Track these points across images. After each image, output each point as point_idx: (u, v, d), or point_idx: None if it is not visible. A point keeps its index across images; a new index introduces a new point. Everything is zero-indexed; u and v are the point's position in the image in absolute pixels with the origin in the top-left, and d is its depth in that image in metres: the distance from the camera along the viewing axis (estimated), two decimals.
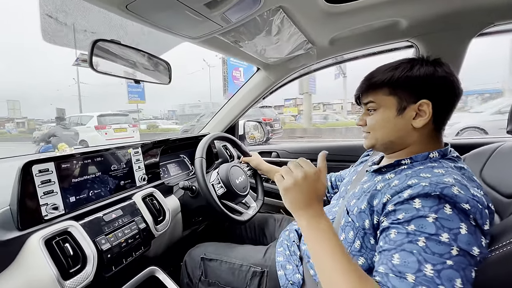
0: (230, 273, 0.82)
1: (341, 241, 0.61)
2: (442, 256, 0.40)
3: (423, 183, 0.47)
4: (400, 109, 0.57)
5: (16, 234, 0.59)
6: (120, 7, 0.63)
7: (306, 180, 0.53)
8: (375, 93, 0.61)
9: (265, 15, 0.79)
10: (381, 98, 0.60)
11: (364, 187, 0.61)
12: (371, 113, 0.63)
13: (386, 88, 0.59)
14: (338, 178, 1.00)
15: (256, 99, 1.48)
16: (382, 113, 0.60)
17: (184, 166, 1.35)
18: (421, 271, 0.40)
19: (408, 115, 0.57)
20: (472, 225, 0.42)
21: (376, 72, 0.62)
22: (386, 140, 0.62)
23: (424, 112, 0.55)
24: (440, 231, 0.41)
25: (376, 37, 1.05)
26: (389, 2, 0.80)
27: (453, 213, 0.42)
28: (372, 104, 0.62)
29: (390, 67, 0.59)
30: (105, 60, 0.73)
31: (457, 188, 0.44)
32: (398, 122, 0.58)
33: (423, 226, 0.43)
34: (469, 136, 4.43)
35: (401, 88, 0.57)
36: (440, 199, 0.44)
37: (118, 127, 7.47)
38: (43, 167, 0.66)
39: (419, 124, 0.56)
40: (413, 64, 0.57)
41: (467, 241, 0.41)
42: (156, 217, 0.88)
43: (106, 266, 0.69)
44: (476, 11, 0.85)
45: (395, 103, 0.58)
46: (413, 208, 0.45)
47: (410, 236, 0.43)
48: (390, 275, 0.42)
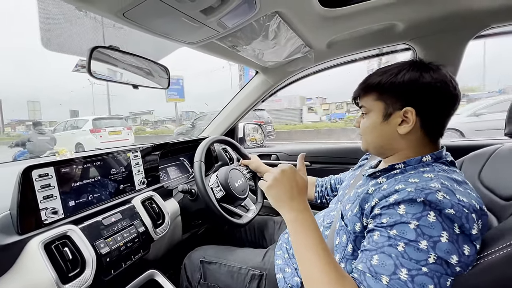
0: (229, 276, 0.82)
1: (336, 245, 0.62)
2: (418, 263, 0.41)
3: (409, 188, 0.47)
4: (386, 115, 0.57)
5: (16, 238, 0.59)
6: (117, 14, 0.64)
7: (284, 174, 0.57)
8: (366, 97, 0.61)
9: (261, 20, 0.80)
10: (370, 103, 0.60)
11: (358, 191, 0.61)
12: (364, 116, 0.63)
13: (374, 93, 0.59)
14: (337, 181, 1.00)
15: (255, 102, 1.49)
16: (371, 118, 0.61)
17: (184, 169, 1.36)
18: (396, 274, 0.42)
19: (393, 121, 0.57)
20: (455, 233, 0.42)
21: (373, 74, 0.61)
22: (376, 144, 0.62)
23: (409, 119, 0.55)
24: (419, 238, 0.42)
25: (373, 40, 1.05)
26: (385, 5, 0.80)
27: (436, 220, 0.43)
28: (364, 108, 0.62)
29: (381, 72, 0.59)
30: (103, 66, 0.75)
31: (442, 194, 0.45)
32: (384, 128, 0.58)
33: (404, 232, 0.44)
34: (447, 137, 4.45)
35: (387, 94, 0.57)
36: (425, 205, 0.44)
37: (112, 130, 7.72)
38: (42, 172, 0.67)
39: (403, 131, 0.56)
40: (400, 69, 0.56)
41: (446, 250, 0.41)
42: (155, 220, 0.88)
43: (105, 270, 0.70)
44: (473, 14, 0.85)
45: (381, 108, 0.58)
46: (397, 214, 0.46)
47: (391, 240, 0.45)
48: (367, 274, 0.45)
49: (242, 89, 1.47)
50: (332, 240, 0.65)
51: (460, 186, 0.48)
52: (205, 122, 9.28)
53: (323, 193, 1.02)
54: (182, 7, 0.64)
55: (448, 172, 0.52)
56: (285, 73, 1.33)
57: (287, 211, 0.55)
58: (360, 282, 0.45)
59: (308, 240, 0.50)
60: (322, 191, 1.03)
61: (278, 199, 0.56)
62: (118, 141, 7.54)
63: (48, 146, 5.31)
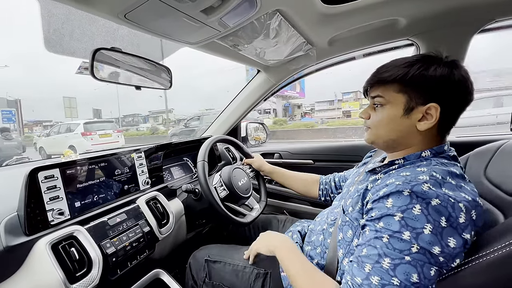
0: (234, 275, 0.82)
1: (339, 241, 0.62)
2: (401, 252, 0.43)
3: (397, 182, 0.49)
4: (407, 109, 0.55)
5: (23, 239, 0.60)
6: (119, 16, 0.65)
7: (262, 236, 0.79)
8: (384, 88, 0.58)
9: (262, 19, 0.80)
10: (390, 94, 0.57)
11: (359, 187, 0.62)
12: (377, 108, 0.61)
13: (397, 85, 0.56)
14: (341, 178, 0.99)
15: (257, 101, 1.49)
16: (388, 110, 0.58)
17: (187, 169, 1.36)
18: (379, 263, 0.44)
19: (414, 116, 0.55)
20: (441, 226, 0.43)
21: (391, 65, 0.58)
22: (387, 138, 0.60)
23: (431, 116, 0.53)
24: (403, 229, 0.44)
25: (376, 36, 1.04)
26: (387, 1, 0.79)
27: (421, 213, 0.44)
28: (380, 99, 0.59)
29: (406, 63, 0.56)
30: (106, 68, 0.75)
31: (428, 185, 0.46)
32: (403, 122, 0.56)
33: (389, 224, 0.46)
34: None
35: (413, 87, 0.54)
36: (411, 197, 0.45)
37: (103, 133, 8.14)
38: (48, 174, 0.67)
39: (423, 127, 0.55)
40: (430, 62, 0.54)
41: (429, 241, 0.42)
42: (160, 220, 0.89)
43: (111, 270, 0.71)
44: (476, 8, 0.84)
45: (403, 101, 0.55)
46: (385, 207, 0.48)
47: (378, 232, 0.47)
48: (354, 264, 0.48)
49: (244, 88, 1.47)
50: (335, 236, 0.65)
51: (453, 179, 0.49)
52: (198, 123, 9.40)
53: (327, 190, 1.02)
54: (183, 8, 0.64)
55: (446, 165, 0.52)
56: (287, 71, 1.32)
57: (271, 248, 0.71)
58: (347, 272, 0.49)
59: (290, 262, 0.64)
60: (326, 188, 1.02)
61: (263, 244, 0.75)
62: (109, 143, 7.98)
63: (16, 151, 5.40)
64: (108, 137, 8.16)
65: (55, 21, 0.70)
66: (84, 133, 7.84)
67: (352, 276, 0.48)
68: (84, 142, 7.66)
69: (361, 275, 0.46)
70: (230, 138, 1.18)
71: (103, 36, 0.82)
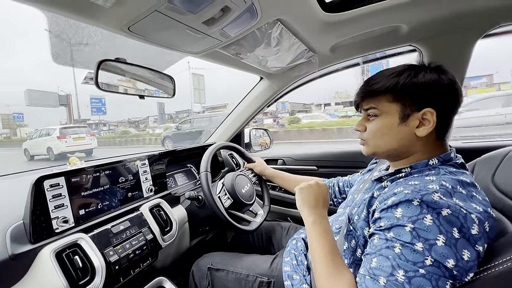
0: (237, 283, 0.82)
1: (344, 250, 0.61)
2: (415, 264, 0.42)
3: (406, 190, 0.48)
4: (403, 117, 0.56)
5: (29, 247, 0.61)
6: (123, 29, 0.66)
7: (318, 186, 0.71)
8: (377, 99, 0.59)
9: (263, 28, 0.81)
10: (383, 105, 0.58)
11: (365, 196, 0.61)
12: (371, 119, 0.61)
13: (389, 95, 0.57)
14: (346, 183, 0.98)
15: (260, 108, 1.49)
16: (384, 120, 0.58)
17: (191, 175, 1.37)
18: (393, 275, 0.43)
19: (411, 123, 0.55)
20: (454, 237, 0.42)
21: (379, 77, 0.59)
22: (388, 148, 0.60)
23: (428, 121, 0.54)
24: (415, 240, 0.43)
25: (378, 43, 1.04)
26: (389, 8, 0.79)
27: (433, 224, 0.42)
28: (374, 110, 0.59)
29: (394, 73, 0.57)
30: (110, 78, 0.77)
31: (439, 195, 0.45)
32: (401, 130, 0.57)
33: (400, 234, 0.45)
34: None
35: (405, 95, 0.55)
36: (421, 207, 0.44)
37: (76, 137, 9.44)
38: (54, 182, 0.69)
39: (422, 133, 0.55)
40: (417, 70, 0.56)
41: (442, 253, 0.41)
42: (163, 227, 0.89)
43: (114, 278, 0.71)
44: (480, 13, 0.83)
45: (398, 110, 0.56)
46: (394, 217, 0.46)
47: (388, 242, 0.46)
48: (367, 276, 0.46)
49: (247, 95, 1.48)
50: (341, 245, 0.64)
51: (464, 189, 0.47)
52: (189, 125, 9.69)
53: (330, 194, 1.00)
54: (185, 20, 0.65)
55: (455, 174, 0.51)
56: (289, 79, 1.33)
57: (308, 214, 0.65)
58: (360, 285, 0.46)
59: (319, 241, 0.58)
60: (329, 192, 1.01)
61: (306, 201, 0.68)
62: (81, 145, 9.50)
63: None
64: (82, 140, 9.53)
65: (62, 35, 0.72)
66: (59, 136, 9.16)
67: None
68: (59, 145, 9.03)
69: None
70: (231, 144, 1.18)
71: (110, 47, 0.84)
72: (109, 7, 0.57)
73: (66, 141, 9.16)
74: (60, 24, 0.91)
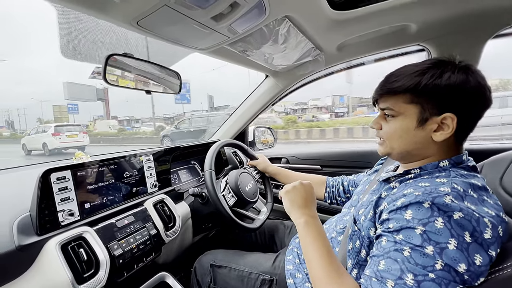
0: (239, 280, 0.82)
1: (349, 251, 0.61)
2: (425, 268, 0.41)
3: (416, 192, 0.46)
4: (421, 120, 0.52)
5: (35, 239, 0.62)
6: (131, 23, 0.66)
7: (302, 186, 0.69)
8: (395, 99, 0.55)
9: (271, 25, 0.80)
10: (400, 106, 0.54)
11: (373, 198, 0.59)
12: (388, 119, 0.58)
13: (408, 95, 0.52)
14: (350, 183, 0.97)
15: (265, 106, 1.49)
16: (400, 122, 0.55)
17: (194, 172, 1.37)
18: (402, 279, 0.41)
19: (429, 127, 0.52)
20: (466, 241, 0.40)
21: (401, 73, 0.55)
22: (402, 150, 0.57)
23: (447, 126, 0.50)
24: (425, 243, 0.42)
25: (386, 42, 1.03)
26: (398, 7, 0.78)
27: (444, 227, 0.41)
28: (390, 111, 0.56)
29: (418, 71, 0.52)
30: (118, 73, 0.77)
31: (450, 197, 0.43)
32: (417, 134, 0.53)
33: (410, 237, 0.43)
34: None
35: (426, 98, 0.51)
36: (432, 210, 0.43)
37: (70, 134, 10.43)
38: (60, 175, 0.69)
39: (439, 138, 0.51)
40: (443, 70, 0.50)
41: (454, 257, 0.40)
42: (166, 223, 0.89)
43: (118, 271, 0.72)
44: (491, 12, 0.82)
45: (416, 112, 0.52)
46: (404, 219, 0.45)
47: (397, 245, 0.44)
48: (373, 279, 0.45)
49: (252, 92, 1.48)
50: (345, 246, 0.64)
51: (475, 192, 0.46)
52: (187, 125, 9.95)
53: (333, 193, 0.99)
54: (194, 15, 0.65)
55: (466, 177, 0.49)
56: (295, 77, 1.33)
57: (299, 215, 0.62)
58: (365, 287, 0.45)
59: (315, 244, 0.55)
60: (333, 191, 1.00)
61: (294, 203, 0.66)
62: (74, 142, 10.43)
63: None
64: (74, 137, 10.52)
65: (71, 28, 0.73)
66: (54, 133, 10.08)
67: None
68: (53, 141, 9.96)
69: None
70: (235, 141, 1.18)
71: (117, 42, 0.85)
72: (119, 1, 0.57)
73: (60, 137, 10.11)
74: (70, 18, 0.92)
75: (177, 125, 10.68)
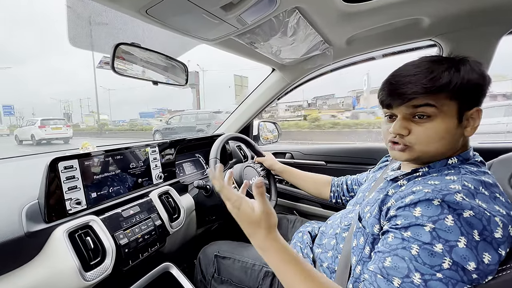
0: (243, 271, 0.82)
1: (353, 248, 0.61)
2: (432, 268, 0.40)
3: (426, 189, 0.46)
4: (459, 118, 0.51)
5: (43, 226, 0.63)
6: (140, 11, 0.65)
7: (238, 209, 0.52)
8: (435, 95, 0.50)
9: (280, 16, 0.79)
10: (442, 102, 0.50)
11: (379, 196, 0.59)
12: (421, 120, 0.52)
13: (444, 93, 0.49)
14: (354, 181, 0.97)
15: (271, 100, 1.48)
16: (441, 122, 0.50)
17: (199, 165, 1.38)
18: (409, 277, 0.41)
19: (464, 123, 0.51)
20: (475, 239, 0.40)
21: (436, 67, 0.50)
22: (437, 152, 0.52)
23: (474, 120, 0.51)
24: (434, 241, 0.41)
25: (396, 36, 1.01)
26: (410, 0, 0.77)
27: (454, 225, 0.41)
28: (430, 109, 0.50)
29: (451, 66, 0.50)
30: (125, 63, 0.77)
31: (461, 195, 0.43)
32: (458, 132, 0.51)
33: (419, 234, 0.43)
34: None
35: (462, 93, 0.50)
36: (442, 207, 0.42)
37: (54, 127, 12.15)
38: (68, 164, 0.70)
39: (470, 133, 0.51)
40: (460, 66, 0.50)
41: (463, 255, 0.39)
42: (171, 214, 0.90)
43: (123, 260, 0.72)
44: (506, 8, 0.80)
45: (456, 109, 0.50)
46: (413, 216, 0.45)
47: (405, 242, 0.44)
48: (378, 276, 0.44)
49: (258, 86, 1.47)
50: (349, 243, 0.63)
51: (487, 190, 0.45)
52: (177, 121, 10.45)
53: (338, 193, 1.00)
54: (203, 3, 0.64)
55: (476, 174, 0.49)
56: (302, 71, 1.31)
57: (254, 244, 0.51)
58: (370, 283, 0.44)
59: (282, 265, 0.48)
60: (338, 191, 1.01)
61: (246, 232, 0.52)
62: (58, 134, 12.19)
63: None
64: (59, 129, 12.24)
65: (80, 17, 0.72)
66: (40, 126, 11.75)
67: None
68: (40, 132, 11.65)
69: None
70: (242, 136, 1.17)
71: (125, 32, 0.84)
72: None
73: (45, 129, 11.81)
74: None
75: (168, 121, 11.18)
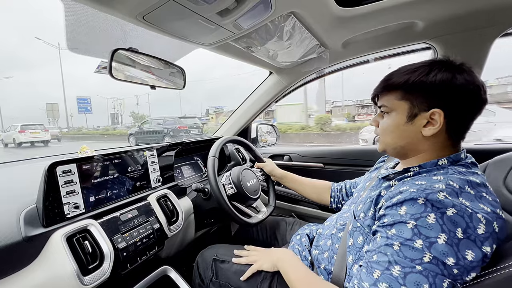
0: (241, 275, 0.82)
1: (349, 246, 0.61)
2: (413, 261, 0.42)
3: (412, 189, 0.48)
4: (410, 116, 0.55)
5: (41, 230, 0.63)
6: (137, 17, 0.66)
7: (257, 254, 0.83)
8: (388, 96, 0.59)
9: (276, 21, 0.80)
10: (393, 102, 0.58)
11: (372, 194, 0.61)
12: (384, 116, 0.62)
13: (399, 92, 0.56)
14: (353, 185, 0.98)
15: (269, 103, 1.49)
16: (392, 118, 0.59)
17: (197, 168, 1.38)
18: (389, 270, 0.44)
19: (418, 122, 0.55)
20: (457, 237, 0.41)
21: (395, 73, 0.59)
22: (395, 145, 0.60)
23: (436, 121, 0.53)
24: (415, 237, 0.43)
25: (391, 39, 1.02)
26: (405, 4, 0.78)
27: (436, 222, 0.43)
28: (384, 107, 0.60)
29: (408, 70, 0.56)
30: (123, 68, 0.77)
31: (444, 194, 0.44)
32: (407, 129, 0.57)
33: (402, 231, 0.45)
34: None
35: (414, 94, 0.54)
36: (426, 206, 0.44)
37: (33, 131, 13.60)
38: (66, 168, 0.70)
39: (428, 133, 0.54)
40: (431, 68, 0.54)
41: (442, 251, 0.41)
42: (169, 218, 0.90)
43: (122, 264, 0.72)
44: (499, 11, 0.81)
45: (406, 108, 0.56)
46: (397, 214, 0.47)
47: (388, 240, 0.47)
48: (363, 269, 0.49)
49: (255, 89, 1.48)
50: (345, 242, 0.64)
51: (473, 189, 0.47)
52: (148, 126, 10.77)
53: (338, 197, 1.01)
54: (200, 10, 0.65)
55: (464, 174, 0.50)
56: (299, 74, 1.32)
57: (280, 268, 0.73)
58: (355, 276, 0.49)
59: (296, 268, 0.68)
60: (338, 195, 1.01)
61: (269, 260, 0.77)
62: (36, 137, 13.66)
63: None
64: (37, 133, 13.70)
65: (78, 22, 0.73)
66: (20, 131, 13.32)
67: (360, 280, 0.48)
68: (20, 136, 13.23)
69: (369, 281, 0.46)
70: (242, 139, 1.18)
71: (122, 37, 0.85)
72: None
73: (25, 134, 13.35)
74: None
75: (140, 125, 11.76)
